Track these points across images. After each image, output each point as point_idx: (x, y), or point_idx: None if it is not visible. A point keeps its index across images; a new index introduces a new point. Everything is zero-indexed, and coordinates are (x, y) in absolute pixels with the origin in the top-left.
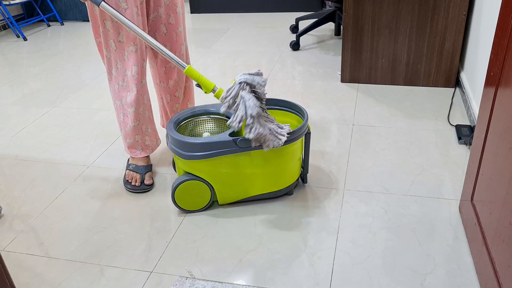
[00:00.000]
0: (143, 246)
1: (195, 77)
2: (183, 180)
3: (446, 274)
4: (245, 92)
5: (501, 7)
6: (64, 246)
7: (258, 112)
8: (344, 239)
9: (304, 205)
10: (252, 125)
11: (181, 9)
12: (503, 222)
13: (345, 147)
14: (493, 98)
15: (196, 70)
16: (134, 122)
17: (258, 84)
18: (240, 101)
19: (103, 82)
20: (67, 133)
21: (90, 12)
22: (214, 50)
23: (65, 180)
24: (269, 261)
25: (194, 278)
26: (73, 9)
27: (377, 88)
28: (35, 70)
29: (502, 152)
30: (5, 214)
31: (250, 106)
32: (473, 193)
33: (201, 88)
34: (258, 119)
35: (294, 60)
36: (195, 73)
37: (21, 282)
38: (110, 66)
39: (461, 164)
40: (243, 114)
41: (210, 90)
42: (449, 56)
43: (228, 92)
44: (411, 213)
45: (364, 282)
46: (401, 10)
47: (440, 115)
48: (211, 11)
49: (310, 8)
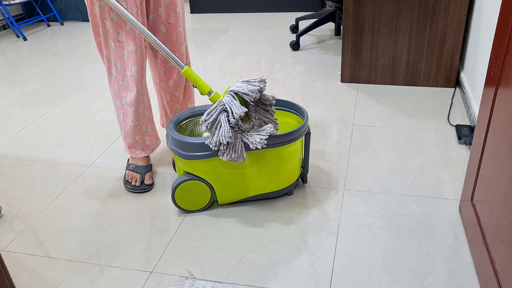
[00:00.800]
0: (143, 246)
1: (192, 79)
2: (183, 180)
3: (446, 274)
4: (224, 116)
5: (501, 7)
6: (64, 246)
7: (231, 136)
8: (344, 239)
9: (304, 205)
10: (224, 151)
11: (181, 9)
12: (503, 222)
13: (345, 147)
14: (493, 98)
15: (194, 72)
16: (134, 122)
17: (250, 92)
18: (218, 125)
19: (103, 82)
20: (67, 133)
21: (90, 11)
22: (214, 50)
23: (65, 180)
24: (269, 261)
25: (194, 278)
26: (73, 9)
27: (377, 88)
28: (35, 70)
29: (502, 152)
30: (5, 214)
31: (223, 134)
32: (473, 193)
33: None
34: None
35: (294, 60)
36: (193, 74)
37: (21, 282)
38: (110, 66)
39: (461, 164)
40: (216, 140)
41: (205, 93)
42: (449, 56)
43: (208, 115)
44: (411, 213)
45: (364, 282)
46: (401, 10)
47: (440, 115)
48: (211, 11)
49: (310, 8)
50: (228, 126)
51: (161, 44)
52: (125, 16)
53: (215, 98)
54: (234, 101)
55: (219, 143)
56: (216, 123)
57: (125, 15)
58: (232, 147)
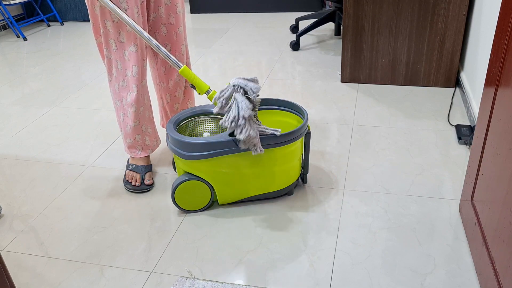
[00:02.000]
0: (143, 246)
1: (190, 78)
2: (183, 180)
3: (446, 274)
4: (238, 94)
5: (501, 7)
6: (64, 246)
7: (250, 115)
8: (344, 239)
9: (304, 205)
10: (243, 126)
11: (182, 9)
12: (503, 222)
13: (345, 147)
14: (493, 98)
15: (191, 71)
16: (134, 122)
17: (251, 90)
18: (233, 102)
19: (103, 82)
20: (67, 133)
21: (90, 12)
22: (214, 50)
23: (65, 180)
24: (269, 261)
25: (194, 278)
26: (73, 9)
27: (377, 88)
28: (35, 70)
29: (502, 152)
30: (5, 214)
31: (243, 108)
32: (473, 193)
33: (195, 89)
34: (250, 121)
35: (294, 60)
36: (190, 73)
37: (21, 282)
38: (111, 66)
39: (461, 164)
40: (236, 114)
41: (204, 91)
42: (449, 56)
43: (221, 93)
44: (411, 213)
45: (364, 282)
46: (401, 10)
47: (440, 115)
48: (211, 11)
49: (310, 8)
50: (247, 100)
51: (157, 44)
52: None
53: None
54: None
55: (237, 118)
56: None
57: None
58: (250, 124)
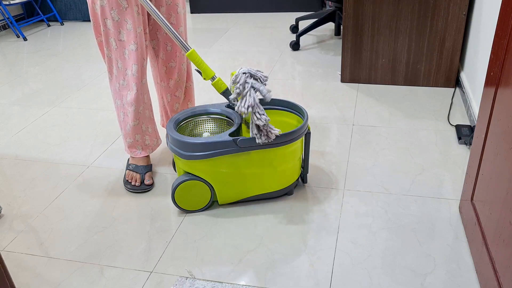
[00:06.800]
0: (143, 246)
1: (197, 62)
2: (183, 180)
3: (446, 274)
4: (252, 79)
5: (501, 7)
6: (64, 246)
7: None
8: (344, 239)
9: (304, 205)
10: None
11: (182, 9)
12: (503, 222)
13: (345, 147)
14: (493, 98)
15: (199, 55)
16: (134, 121)
17: (260, 78)
18: (248, 88)
19: (103, 82)
20: (67, 133)
21: (91, 11)
22: (214, 50)
23: (65, 180)
24: (269, 261)
25: (194, 278)
26: (73, 9)
27: (377, 88)
28: (35, 70)
29: (502, 152)
30: (5, 214)
31: (263, 91)
32: (473, 193)
33: (201, 74)
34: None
35: (294, 60)
36: (198, 57)
37: (21, 282)
38: (111, 65)
39: (461, 164)
40: (253, 100)
41: (209, 77)
42: (449, 56)
43: (237, 78)
44: (411, 213)
45: (364, 282)
46: (401, 10)
47: (440, 115)
48: (211, 11)
49: (310, 8)
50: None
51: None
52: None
53: (218, 84)
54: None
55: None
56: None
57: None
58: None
